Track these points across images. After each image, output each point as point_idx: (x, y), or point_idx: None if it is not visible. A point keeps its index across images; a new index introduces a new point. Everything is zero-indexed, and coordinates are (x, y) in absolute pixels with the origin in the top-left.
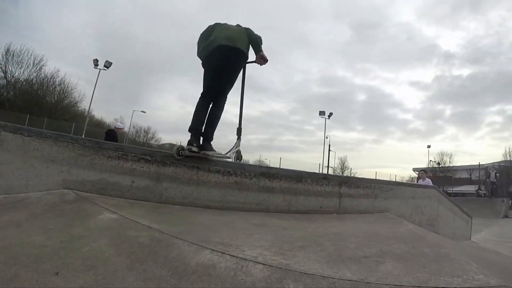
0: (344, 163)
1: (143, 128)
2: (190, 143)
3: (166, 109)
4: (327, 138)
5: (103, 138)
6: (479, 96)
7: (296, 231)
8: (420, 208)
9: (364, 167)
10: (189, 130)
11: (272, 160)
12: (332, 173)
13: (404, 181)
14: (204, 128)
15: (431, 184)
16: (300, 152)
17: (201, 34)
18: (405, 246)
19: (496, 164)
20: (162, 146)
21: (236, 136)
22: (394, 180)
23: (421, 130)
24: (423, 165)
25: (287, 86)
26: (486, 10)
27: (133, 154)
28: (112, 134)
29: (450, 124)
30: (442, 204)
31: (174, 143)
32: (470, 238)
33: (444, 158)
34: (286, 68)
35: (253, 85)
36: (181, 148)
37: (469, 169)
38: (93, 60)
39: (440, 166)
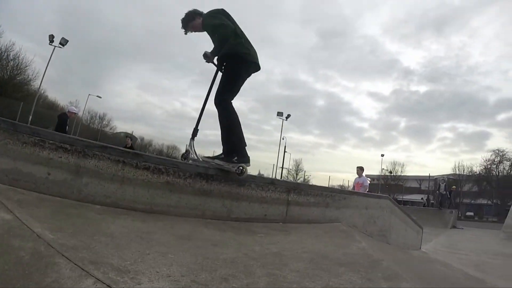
0: (299, 165)
1: (98, 114)
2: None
3: (124, 97)
4: (283, 139)
5: (54, 121)
6: (433, 112)
7: (227, 249)
8: (373, 218)
9: (319, 170)
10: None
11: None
12: (287, 174)
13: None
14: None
15: (367, 181)
16: (257, 151)
17: (236, 26)
18: (358, 278)
19: (445, 177)
20: (117, 134)
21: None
22: (347, 185)
23: (376, 139)
24: (376, 172)
25: (249, 84)
26: (448, 34)
27: (51, 141)
28: (63, 119)
29: (403, 136)
30: (395, 214)
31: (129, 132)
32: (420, 248)
33: (396, 167)
34: None
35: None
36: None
37: (419, 179)
38: (49, 36)
39: (392, 174)
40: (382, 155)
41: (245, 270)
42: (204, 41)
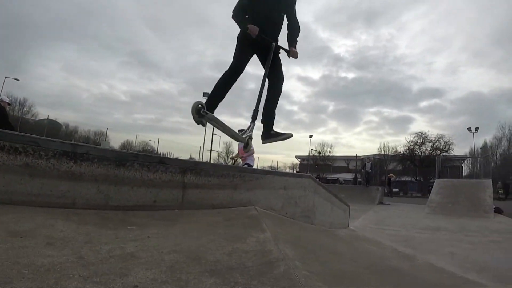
0: (229, 147)
1: (18, 100)
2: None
3: (48, 80)
4: None
5: None
6: (360, 97)
7: (61, 250)
8: (294, 199)
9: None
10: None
11: (161, 143)
12: (217, 157)
13: (286, 167)
14: None
15: (253, 150)
16: (188, 134)
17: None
18: None
19: (371, 156)
20: (40, 122)
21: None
22: (276, 166)
23: (305, 121)
24: (305, 153)
25: (180, 65)
26: (378, 26)
27: None
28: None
29: (332, 119)
30: (319, 194)
31: (53, 119)
32: (348, 226)
33: (325, 148)
34: (181, 48)
35: (144, 61)
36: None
37: (347, 159)
38: None
39: (321, 155)
40: (311, 136)
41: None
42: (136, 19)
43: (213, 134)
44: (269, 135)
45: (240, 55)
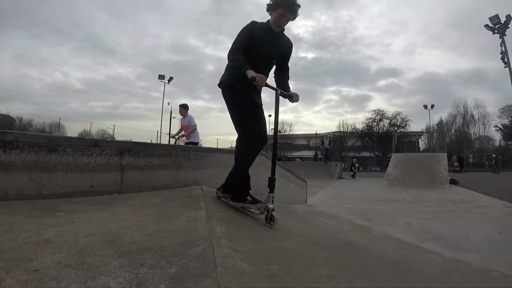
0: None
1: None
2: None
3: None
4: (168, 104)
5: None
6: (319, 77)
7: None
8: None
9: (209, 134)
10: None
11: (118, 130)
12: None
13: None
14: None
15: (194, 121)
16: (146, 120)
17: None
18: (116, 284)
19: (330, 134)
20: None
21: None
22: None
23: (265, 101)
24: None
25: (136, 50)
26: (338, 8)
27: None
28: None
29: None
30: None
31: (5, 113)
32: (306, 201)
33: (285, 127)
34: (137, 31)
35: (99, 46)
36: None
37: (307, 137)
38: None
39: (281, 133)
40: (270, 116)
41: None
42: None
43: (171, 118)
44: None
45: (251, 115)
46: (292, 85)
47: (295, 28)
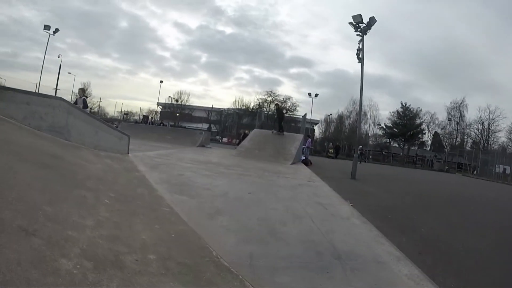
0: (87, 89)
1: None
2: None
3: None
4: (58, 57)
5: None
6: (233, 53)
7: None
8: (39, 114)
9: (114, 97)
10: None
11: (13, 81)
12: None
13: (144, 113)
14: None
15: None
16: (48, 74)
17: None
18: None
19: (228, 109)
20: None
21: None
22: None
23: (176, 69)
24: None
25: None
26: None
27: None
28: None
29: (203, 70)
30: (75, 116)
31: None
32: (128, 153)
33: (182, 96)
34: None
35: None
36: None
37: (207, 110)
38: None
39: (178, 103)
40: (161, 82)
41: None
42: None
43: (59, 71)
44: None
45: None
46: (206, 57)
47: (218, 0)
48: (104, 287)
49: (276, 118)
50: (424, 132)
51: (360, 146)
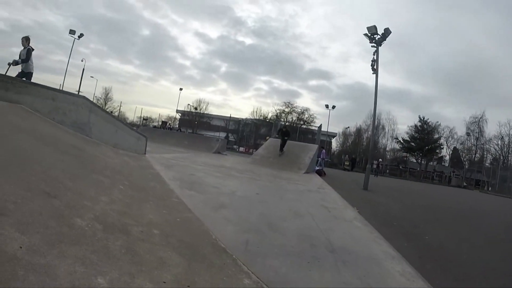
0: (108, 93)
1: None
2: None
3: None
4: (82, 61)
5: None
6: (253, 64)
7: None
8: (63, 110)
9: (134, 102)
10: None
11: (37, 82)
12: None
13: (163, 119)
14: None
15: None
16: (71, 77)
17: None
18: None
19: (246, 119)
20: None
21: None
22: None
23: (196, 78)
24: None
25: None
26: (284, 1)
27: None
28: None
29: (223, 80)
30: (96, 114)
31: None
32: (145, 154)
33: (201, 105)
34: None
35: None
36: None
37: (225, 119)
38: None
39: (197, 111)
40: (181, 89)
41: None
42: None
43: (82, 75)
44: None
45: None
46: (226, 67)
47: (239, 11)
48: (109, 244)
49: (281, 139)
50: (442, 147)
51: (380, 160)
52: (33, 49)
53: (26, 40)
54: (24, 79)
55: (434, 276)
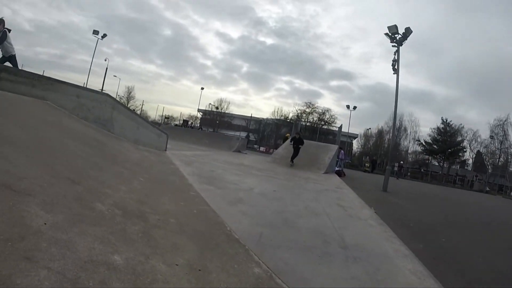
0: (131, 92)
1: None
2: None
3: None
4: (105, 60)
5: None
6: (274, 64)
7: None
8: (86, 107)
9: (156, 101)
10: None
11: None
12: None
13: (185, 117)
14: None
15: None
16: (94, 76)
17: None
18: None
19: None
20: None
21: None
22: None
23: (217, 78)
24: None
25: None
26: (305, 1)
27: None
28: None
29: (244, 80)
30: (119, 111)
31: None
32: (165, 150)
33: (223, 104)
34: None
35: None
36: None
37: (246, 119)
38: None
39: (218, 110)
40: (202, 89)
41: None
42: None
43: (106, 73)
44: None
45: None
46: (247, 67)
47: (260, 11)
48: (127, 227)
49: (295, 147)
50: (465, 150)
51: (401, 162)
52: (9, 30)
53: (1, 22)
54: (8, 63)
55: (447, 277)
